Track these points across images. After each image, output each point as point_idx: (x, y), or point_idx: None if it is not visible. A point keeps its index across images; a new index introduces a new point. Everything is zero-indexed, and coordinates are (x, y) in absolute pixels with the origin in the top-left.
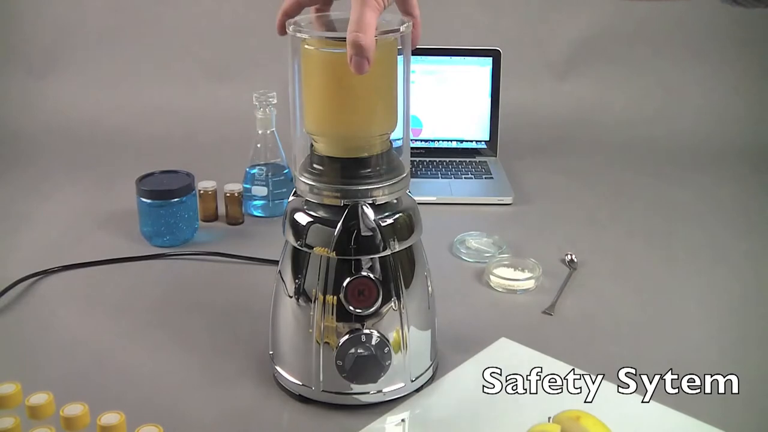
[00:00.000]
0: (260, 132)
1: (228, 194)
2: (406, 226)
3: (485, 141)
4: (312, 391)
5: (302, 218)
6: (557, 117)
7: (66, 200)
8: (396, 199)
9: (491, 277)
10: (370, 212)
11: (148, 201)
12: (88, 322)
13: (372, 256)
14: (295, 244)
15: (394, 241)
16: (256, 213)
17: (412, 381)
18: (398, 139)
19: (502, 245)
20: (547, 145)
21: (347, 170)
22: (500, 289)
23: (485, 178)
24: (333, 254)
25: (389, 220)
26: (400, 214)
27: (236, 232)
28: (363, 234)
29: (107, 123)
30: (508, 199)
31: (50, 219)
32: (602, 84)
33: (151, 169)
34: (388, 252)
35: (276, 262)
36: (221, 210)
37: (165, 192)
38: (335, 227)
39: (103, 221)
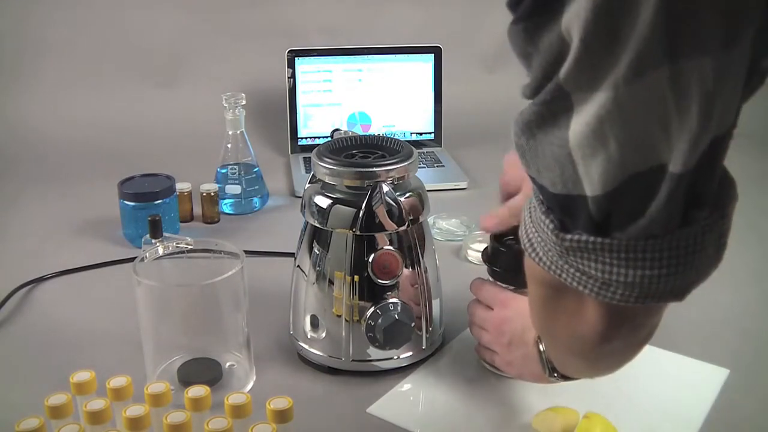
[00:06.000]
0: (230, 132)
1: (204, 194)
2: (419, 203)
3: (431, 132)
4: (341, 362)
5: (323, 201)
6: (491, 106)
7: (40, 211)
8: (407, 178)
9: (469, 251)
10: (390, 191)
11: (132, 204)
12: (94, 323)
13: (391, 232)
14: (319, 226)
15: (410, 216)
16: (228, 210)
17: (431, 345)
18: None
19: (470, 224)
20: (486, 132)
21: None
22: (477, 262)
23: (437, 166)
24: (357, 232)
25: (405, 198)
26: (412, 192)
27: (215, 230)
28: (385, 212)
29: (70, 133)
30: (463, 184)
31: (28, 230)
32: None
33: (118, 177)
34: (405, 227)
35: (265, 254)
36: (197, 210)
37: (149, 194)
38: (357, 207)
39: (82, 228)
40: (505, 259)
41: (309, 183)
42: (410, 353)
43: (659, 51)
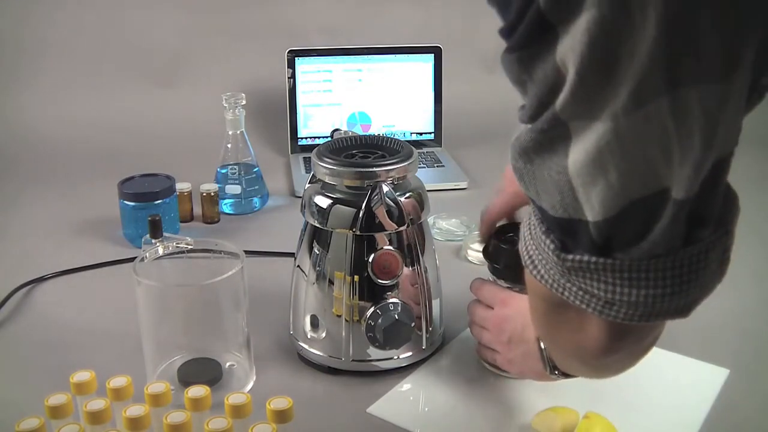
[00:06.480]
0: (230, 132)
1: (204, 194)
2: (419, 203)
3: (431, 132)
4: (341, 362)
5: (323, 201)
6: (491, 106)
7: (40, 211)
8: (407, 178)
9: (469, 251)
10: (390, 191)
11: (132, 204)
12: (94, 323)
13: (391, 232)
14: (319, 226)
15: (410, 216)
16: (228, 210)
17: (431, 345)
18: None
19: (470, 224)
20: (486, 132)
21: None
22: (477, 262)
23: (437, 166)
24: (357, 232)
25: (405, 198)
26: (412, 192)
27: (215, 230)
28: (385, 212)
29: (70, 133)
30: (463, 184)
31: (28, 230)
32: None
33: (118, 177)
34: (405, 227)
35: (265, 254)
36: (197, 210)
37: (148, 194)
38: (357, 207)
39: (82, 228)
40: (505, 255)
41: (309, 183)
42: (410, 353)
43: (659, 81)
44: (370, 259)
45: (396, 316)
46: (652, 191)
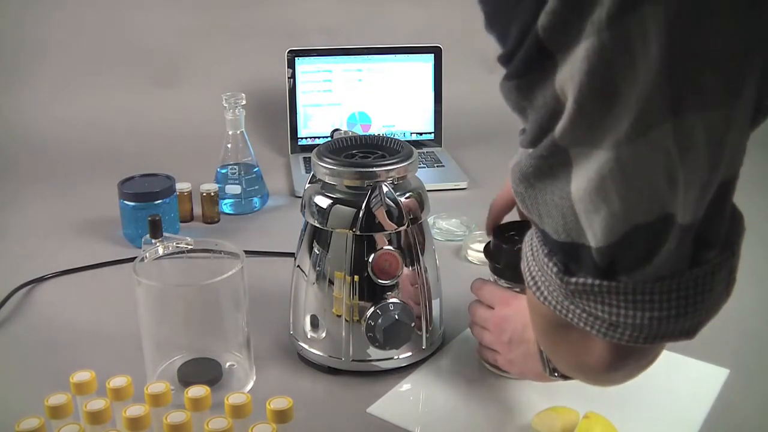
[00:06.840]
0: (230, 132)
1: (204, 194)
2: (419, 203)
3: (431, 132)
4: (341, 362)
5: (323, 201)
6: (491, 106)
7: (40, 211)
8: (407, 178)
9: (469, 251)
10: (390, 191)
11: (132, 203)
12: (94, 323)
13: (391, 232)
14: (319, 226)
15: (410, 216)
16: (228, 210)
17: (431, 345)
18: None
19: (470, 224)
20: (486, 132)
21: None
22: (477, 262)
23: (437, 166)
24: (357, 232)
25: (405, 198)
26: (412, 192)
27: (215, 230)
28: (385, 212)
29: (70, 133)
30: (463, 184)
31: (28, 230)
32: None
33: (118, 177)
34: (405, 227)
35: (265, 254)
36: (197, 210)
37: (149, 194)
38: (357, 207)
39: (82, 228)
40: (506, 255)
41: (309, 183)
42: (410, 353)
43: (662, 110)
44: (370, 259)
45: (396, 316)
46: (655, 217)
